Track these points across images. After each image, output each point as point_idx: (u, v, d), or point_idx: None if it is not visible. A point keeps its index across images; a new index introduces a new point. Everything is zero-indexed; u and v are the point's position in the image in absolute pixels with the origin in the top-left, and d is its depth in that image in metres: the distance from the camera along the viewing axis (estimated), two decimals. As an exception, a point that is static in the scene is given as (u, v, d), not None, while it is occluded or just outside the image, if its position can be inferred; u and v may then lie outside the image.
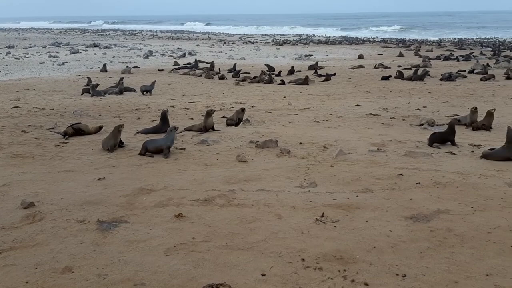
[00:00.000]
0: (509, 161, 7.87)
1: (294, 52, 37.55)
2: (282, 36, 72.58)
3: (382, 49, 42.45)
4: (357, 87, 18.41)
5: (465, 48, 41.90)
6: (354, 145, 9.21)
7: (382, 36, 70.33)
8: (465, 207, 5.92)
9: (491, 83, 18.71)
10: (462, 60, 29.26)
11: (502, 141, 8.27)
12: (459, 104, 14.03)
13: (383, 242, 4.93)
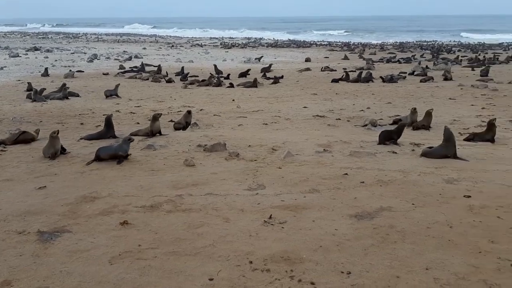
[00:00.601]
0: (446, 159, 8.25)
1: (243, 55, 37.70)
2: (230, 39, 72.65)
3: (328, 52, 43.44)
4: (304, 90, 18.72)
5: (406, 51, 43.64)
6: (302, 146, 9.36)
7: (328, 40, 72.00)
8: (406, 203, 6.15)
9: (430, 84, 19.59)
10: (403, 63, 30.44)
11: (440, 140, 8.66)
12: (401, 105, 14.58)
13: (329, 241, 5.03)
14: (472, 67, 26.06)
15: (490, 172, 7.46)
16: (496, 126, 9.89)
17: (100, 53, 37.93)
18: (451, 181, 7.04)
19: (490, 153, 8.72)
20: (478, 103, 14.84)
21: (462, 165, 7.93)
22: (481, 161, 8.17)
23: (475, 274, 4.30)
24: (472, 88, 17.96)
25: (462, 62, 29.98)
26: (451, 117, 12.46)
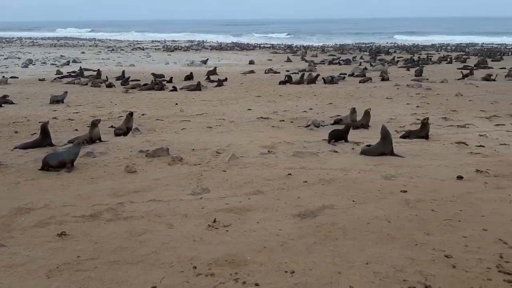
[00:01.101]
0: (384, 156, 8.57)
1: (186, 58, 37.37)
2: (173, 42, 71.81)
3: (272, 54, 43.98)
4: (248, 92, 18.82)
5: (346, 52, 45.00)
6: (246, 148, 9.39)
7: (271, 42, 72.86)
8: (347, 201, 6.32)
9: (368, 85, 20.30)
10: (343, 64, 31.35)
11: (378, 138, 8.97)
12: (341, 105, 14.99)
13: (273, 241, 5.08)
14: (407, 68, 27.27)
15: (425, 168, 7.82)
16: (429, 123, 10.39)
17: (36, 58, 36.29)
18: (389, 177, 7.32)
19: (424, 149, 9.14)
20: (413, 102, 15.53)
21: (399, 161, 8.26)
22: (416, 157, 8.55)
23: (411, 265, 4.48)
24: (408, 88, 18.79)
25: (398, 63, 31.29)
26: (388, 116, 12.96)
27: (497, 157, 8.43)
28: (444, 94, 17.11)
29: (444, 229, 5.31)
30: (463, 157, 8.50)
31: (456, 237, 5.08)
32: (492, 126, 11.37)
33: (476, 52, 44.40)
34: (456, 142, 9.67)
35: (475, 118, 12.49)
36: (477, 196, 6.37)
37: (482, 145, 9.33)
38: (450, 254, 4.67)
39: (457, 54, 39.52)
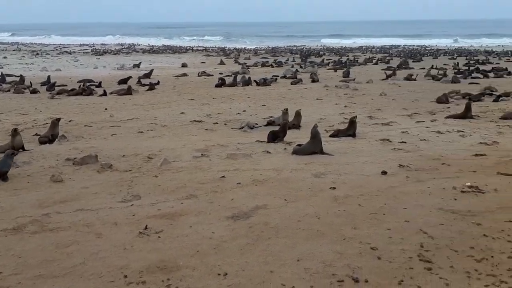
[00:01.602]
0: (315, 155, 8.82)
1: (116, 62, 36.30)
2: (102, 46, 69.53)
3: (205, 57, 43.82)
4: (181, 95, 18.63)
5: (278, 55, 45.80)
6: (179, 152, 9.30)
7: (204, 45, 72.61)
8: (279, 200, 6.44)
9: (299, 86, 20.80)
10: (276, 66, 31.89)
11: (309, 137, 9.22)
12: (274, 107, 15.24)
13: (206, 245, 5.07)
14: (334, 69, 28.27)
15: (352, 165, 8.15)
16: (356, 122, 10.84)
17: (-51, 63, 33.68)
18: (319, 175, 7.55)
19: (351, 147, 9.52)
20: (341, 102, 16.12)
21: (328, 159, 8.54)
22: (344, 155, 8.88)
23: (340, 260, 4.65)
24: (336, 89, 19.47)
25: (327, 65, 32.32)
26: (318, 116, 13.35)
27: (417, 152, 8.95)
28: (369, 94, 17.90)
29: (370, 223, 5.56)
30: (387, 153, 8.94)
31: (381, 230, 5.34)
32: (413, 123, 12.06)
33: (398, 53, 46.86)
34: (381, 139, 10.15)
35: (398, 116, 13.18)
36: (400, 190, 6.73)
37: (404, 141, 9.87)
38: (376, 246, 4.90)
39: (382, 56, 41.49)
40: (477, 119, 12.47)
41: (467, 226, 5.36)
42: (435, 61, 35.78)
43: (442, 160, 8.29)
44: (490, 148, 9.20)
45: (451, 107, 14.61)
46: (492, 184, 6.85)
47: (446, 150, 9.11)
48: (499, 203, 6.07)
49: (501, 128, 11.26)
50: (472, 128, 11.19)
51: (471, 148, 9.22)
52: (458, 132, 10.72)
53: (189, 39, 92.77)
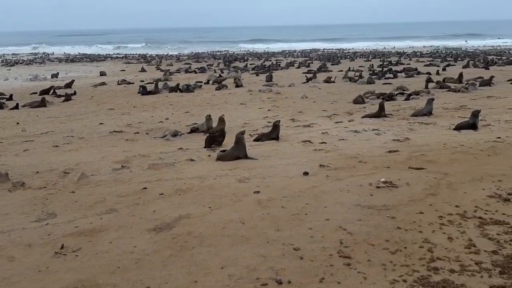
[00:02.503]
0: (239, 160, 8.87)
1: (29, 73, 34.20)
2: (14, 56, 65.31)
3: (125, 65, 42.60)
4: (100, 105, 17.96)
5: (201, 61, 45.61)
6: (98, 165, 8.94)
7: (124, 52, 70.63)
8: (204, 208, 6.38)
9: (223, 92, 20.85)
10: (199, 72, 31.72)
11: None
12: (198, 113, 15.13)
13: (128, 260, 4.89)
14: (257, 73, 28.68)
15: (275, 167, 8.28)
16: (279, 125, 11.04)
17: None
18: (243, 180, 7.58)
19: (275, 150, 9.68)
20: (265, 105, 16.37)
21: (252, 164, 8.62)
22: (268, 158, 9.01)
23: (264, 263, 4.69)
24: (260, 93, 19.75)
25: (251, 70, 32.70)
26: (242, 121, 13.45)
27: (336, 152, 9.30)
28: (292, 97, 18.34)
29: (293, 224, 5.67)
30: (308, 154, 9.19)
31: (303, 230, 5.46)
32: (333, 124, 12.52)
33: (318, 57, 48.51)
34: (303, 141, 10.43)
35: (319, 117, 13.62)
36: (321, 189, 6.94)
37: (324, 142, 10.21)
38: (298, 247, 5.00)
39: (303, 60, 42.72)
40: (391, 117, 13.19)
41: (383, 220, 5.63)
42: (352, 63, 37.43)
43: (359, 158, 8.66)
44: (402, 145, 9.76)
45: (367, 107, 15.34)
46: (404, 178, 7.26)
47: (363, 148, 9.53)
48: (410, 196, 6.44)
49: (412, 125, 11.99)
50: (386, 126, 11.82)
51: (385, 145, 9.73)
52: (374, 131, 11.28)
53: (108, 47, 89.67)
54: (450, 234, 5.15)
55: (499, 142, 9.57)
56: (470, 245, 4.86)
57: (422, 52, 51.11)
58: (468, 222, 5.47)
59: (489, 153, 8.70)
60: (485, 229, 5.26)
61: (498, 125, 11.43)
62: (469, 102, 15.39)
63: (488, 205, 6.00)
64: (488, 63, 31.42)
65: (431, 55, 44.94)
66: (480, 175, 7.28)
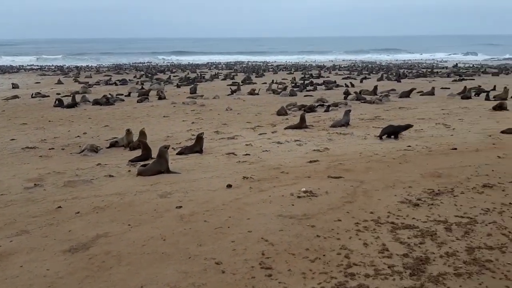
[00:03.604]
0: (161, 174, 8.69)
1: None
2: None
3: (40, 77, 40.38)
4: (11, 120, 16.83)
5: (122, 73, 44.40)
6: (8, 184, 8.35)
7: (40, 64, 67.03)
8: (123, 226, 6.16)
9: (146, 104, 20.41)
10: (120, 85, 30.82)
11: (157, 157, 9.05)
12: (118, 127, 14.67)
13: (39, 284, 4.59)
14: (178, 85, 28.46)
15: (199, 181, 8.21)
16: (203, 138, 10.99)
17: None
18: (165, 195, 7.44)
19: (199, 163, 9.61)
20: (188, 118, 16.24)
21: (175, 178, 8.48)
22: (191, 172, 8.92)
23: (185, 279, 4.61)
24: (183, 105, 19.58)
25: (174, 81, 32.34)
26: (165, 134, 13.23)
27: (260, 163, 9.42)
28: (216, 109, 18.38)
29: (215, 237, 5.63)
30: (232, 166, 9.23)
31: (226, 243, 5.45)
32: (257, 136, 12.69)
33: (243, 69, 49.14)
34: (227, 153, 10.46)
35: (243, 129, 13.75)
36: (244, 201, 6.97)
37: (248, 154, 10.31)
38: (220, 261, 4.97)
39: (227, 72, 43.04)
40: (311, 128, 13.63)
41: (303, 229, 5.77)
42: (276, 76, 38.30)
43: (282, 169, 8.84)
44: (322, 154, 10.10)
45: (289, 118, 15.75)
46: (324, 187, 7.51)
47: (285, 159, 9.75)
48: (329, 204, 6.67)
49: (331, 135, 12.47)
50: (307, 137, 12.19)
51: (306, 155, 10.02)
52: (295, 142, 11.58)
53: (24, 58, 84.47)
54: (365, 240, 5.38)
55: (409, 150, 10.22)
56: (384, 250, 5.11)
57: (340, 66, 53.58)
58: (381, 228, 5.76)
59: (401, 161, 9.25)
60: (397, 233, 5.56)
61: (408, 134, 12.20)
62: (383, 113, 16.32)
63: (399, 210, 6.36)
64: (400, 76, 33.59)
65: (348, 69, 47.18)
66: (393, 182, 7.71)
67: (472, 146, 10.38)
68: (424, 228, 5.67)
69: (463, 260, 4.81)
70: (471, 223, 5.81)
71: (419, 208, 6.41)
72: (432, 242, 5.28)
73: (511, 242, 5.23)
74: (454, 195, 6.91)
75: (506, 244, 5.19)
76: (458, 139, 11.31)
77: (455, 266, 4.69)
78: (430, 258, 4.86)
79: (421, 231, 5.59)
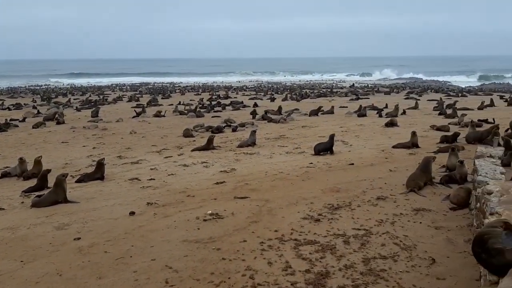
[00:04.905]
0: (58, 204, 8.17)
1: None
2: None
3: None
4: None
5: (17, 96, 41.37)
6: None
7: None
8: (15, 262, 5.68)
9: (42, 130, 19.15)
10: (14, 109, 28.65)
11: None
12: (11, 155, 13.57)
13: None
14: (77, 109, 27.20)
15: (99, 209, 7.83)
16: (104, 164, 10.54)
17: None
18: (62, 227, 6.98)
19: (100, 191, 9.18)
20: (89, 143, 15.50)
21: (73, 208, 8.01)
22: (91, 200, 8.48)
23: (82, 317, 4.33)
24: (84, 130, 18.67)
25: (74, 105, 30.79)
26: (63, 161, 12.48)
27: (165, 188, 9.23)
28: (119, 133, 17.76)
29: (116, 269, 5.38)
30: (136, 193, 8.93)
31: (128, 274, 5.22)
32: (162, 159, 12.44)
33: (148, 91, 48.21)
34: (130, 178, 10.11)
35: (148, 153, 13.41)
36: (148, 228, 6.77)
37: (153, 178, 10.06)
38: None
39: (132, 94, 41.92)
40: (219, 149, 13.68)
41: (208, 253, 5.72)
42: (183, 97, 38.05)
43: (188, 192, 8.74)
44: (229, 175, 10.16)
45: (197, 140, 15.68)
46: (230, 208, 7.54)
47: (192, 182, 9.65)
48: (235, 226, 6.70)
49: (238, 155, 12.61)
50: (214, 158, 12.21)
51: (213, 177, 10.01)
52: (202, 163, 11.54)
53: None
54: (269, 259, 5.47)
55: (311, 167, 10.64)
56: (287, 267, 5.22)
57: (247, 86, 54.76)
58: (285, 245, 5.89)
59: (303, 178, 9.60)
60: (300, 249, 5.73)
61: (311, 151, 12.72)
62: (288, 132, 16.89)
63: (302, 226, 6.57)
64: (302, 96, 35.10)
65: (255, 89, 48.35)
66: (296, 199, 7.96)
67: (367, 161, 11.09)
68: (325, 243, 5.90)
69: (360, 271, 5.07)
70: (367, 235, 6.16)
71: (320, 223, 6.67)
72: (332, 256, 5.50)
73: (402, 251, 5.62)
74: (351, 209, 7.30)
75: (398, 252, 5.57)
76: (355, 154, 12.02)
77: (353, 278, 4.93)
78: (330, 272, 5.06)
79: (322, 245, 5.81)
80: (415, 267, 5.18)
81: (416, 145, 12.69)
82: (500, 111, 22.09)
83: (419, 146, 12.66)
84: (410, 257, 5.43)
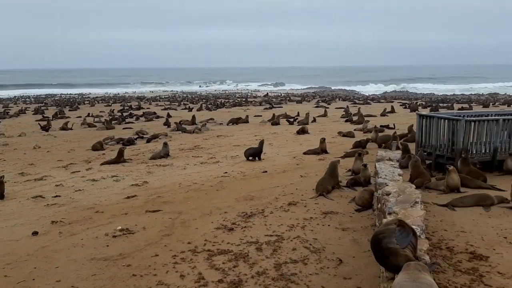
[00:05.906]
0: None
1: None
2: None
3: None
4: None
5: None
6: None
7: None
8: None
9: None
10: None
11: None
12: None
13: None
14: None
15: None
16: (4, 182, 9.78)
17: None
18: (-48, 253, 6.35)
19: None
20: (-13, 160, 14.29)
21: (-34, 231, 7.32)
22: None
23: None
24: None
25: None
26: (-45, 181, 11.37)
27: (72, 204, 8.76)
28: (22, 148, 16.57)
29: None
30: (39, 211, 8.39)
31: (29, 299, 4.88)
32: (69, 174, 11.80)
33: (55, 102, 45.60)
34: (33, 196, 9.47)
35: (53, 168, 12.65)
36: (52, 248, 6.38)
37: (59, 195, 9.51)
38: (21, 321, 4.42)
39: (37, 106, 39.38)
40: (130, 162, 13.27)
41: (118, 270, 5.52)
42: (92, 108, 36.46)
43: (96, 208, 8.37)
44: (140, 189, 9.89)
45: (106, 153, 15.08)
46: (142, 223, 7.34)
47: (101, 197, 9.26)
48: (146, 240, 6.53)
49: (151, 168, 12.33)
50: (125, 172, 11.82)
51: (124, 191, 9.69)
52: (113, 178, 11.12)
53: None
54: (182, 272, 5.40)
55: (226, 176, 10.70)
56: (200, 279, 5.19)
57: (161, 96, 53.81)
58: (198, 257, 5.85)
59: (218, 187, 9.62)
60: (213, 260, 5.72)
61: (225, 161, 12.80)
62: (202, 142, 16.84)
63: (215, 237, 6.57)
64: (218, 106, 35.23)
65: (169, 99, 47.66)
66: (210, 209, 7.96)
67: (280, 168, 11.39)
68: (238, 251, 5.95)
69: (272, 277, 5.18)
70: (279, 240, 6.31)
71: (234, 232, 6.72)
72: (245, 263, 5.56)
73: (312, 254, 5.83)
74: (264, 216, 7.45)
75: (308, 256, 5.76)
76: (268, 162, 12.29)
77: (265, 284, 5.02)
78: (242, 280, 5.11)
79: (235, 254, 5.86)
80: (324, 268, 5.40)
81: (325, 151, 13.30)
82: (399, 117, 23.84)
83: (328, 152, 13.27)
84: (319, 259, 5.65)
